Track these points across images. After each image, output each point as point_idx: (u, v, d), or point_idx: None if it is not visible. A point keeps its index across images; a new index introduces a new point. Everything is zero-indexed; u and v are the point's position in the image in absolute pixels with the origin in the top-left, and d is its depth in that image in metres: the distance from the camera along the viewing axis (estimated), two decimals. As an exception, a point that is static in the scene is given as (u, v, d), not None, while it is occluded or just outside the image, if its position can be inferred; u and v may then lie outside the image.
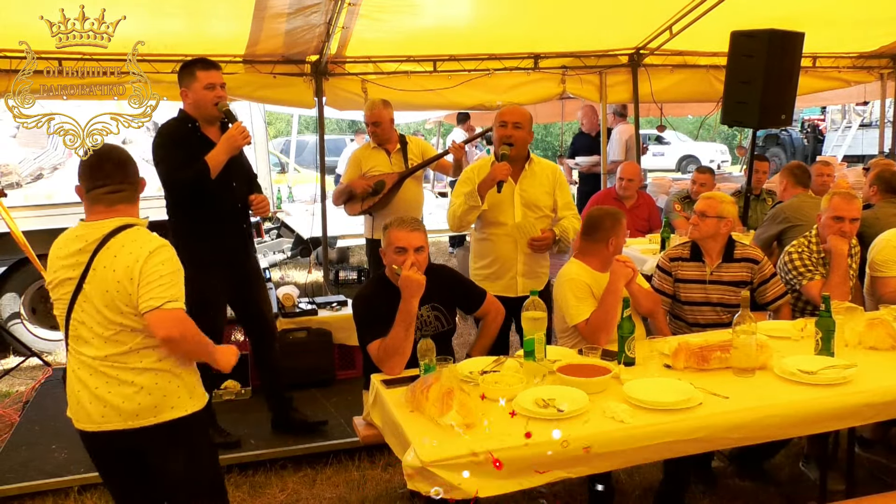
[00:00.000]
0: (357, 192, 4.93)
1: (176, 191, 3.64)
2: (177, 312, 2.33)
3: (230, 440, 3.93)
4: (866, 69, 8.36)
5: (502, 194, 3.77)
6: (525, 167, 3.88)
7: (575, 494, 3.45)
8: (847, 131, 16.91)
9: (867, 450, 3.78)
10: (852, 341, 3.08)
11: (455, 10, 6.10)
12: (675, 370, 2.85)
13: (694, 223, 3.71)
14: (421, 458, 2.24)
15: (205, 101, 3.61)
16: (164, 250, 2.37)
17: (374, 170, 4.97)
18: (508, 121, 3.77)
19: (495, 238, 3.89)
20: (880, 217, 4.48)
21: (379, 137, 5.03)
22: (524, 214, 3.84)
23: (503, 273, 3.89)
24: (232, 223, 3.82)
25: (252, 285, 3.99)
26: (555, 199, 3.92)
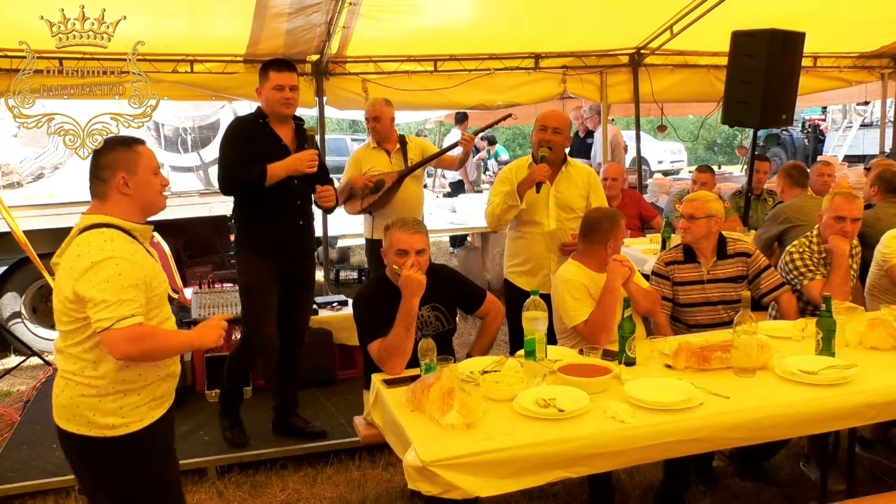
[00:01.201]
0: (357, 190, 4.93)
1: (227, 186, 3.73)
2: (128, 331, 2.20)
3: (237, 440, 3.94)
4: (867, 69, 8.37)
5: (539, 195, 3.88)
6: (561, 170, 3.97)
7: (575, 494, 3.45)
8: (848, 131, 16.90)
9: (868, 450, 3.78)
10: (853, 341, 3.08)
11: (456, 9, 6.10)
12: (675, 370, 2.85)
13: (685, 227, 3.70)
14: (422, 458, 2.24)
15: (273, 99, 3.72)
16: (108, 265, 2.22)
17: (374, 169, 4.98)
18: (549, 125, 3.88)
19: (530, 237, 4.01)
20: (881, 217, 4.48)
21: (379, 134, 5.03)
22: (558, 216, 3.94)
23: (537, 271, 4.00)
24: (286, 220, 3.85)
25: (301, 287, 4.00)
26: (589, 202, 4.01)
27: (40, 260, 5.39)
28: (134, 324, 2.21)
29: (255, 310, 3.85)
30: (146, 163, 2.40)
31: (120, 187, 2.36)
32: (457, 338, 4.71)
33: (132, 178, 2.37)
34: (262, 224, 3.79)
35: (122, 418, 2.34)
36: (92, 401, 2.31)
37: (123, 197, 2.37)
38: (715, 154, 25.72)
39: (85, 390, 2.31)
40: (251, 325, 3.87)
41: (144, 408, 2.38)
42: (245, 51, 5.86)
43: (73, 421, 2.33)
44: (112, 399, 2.32)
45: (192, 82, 5.88)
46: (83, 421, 2.32)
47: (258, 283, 3.82)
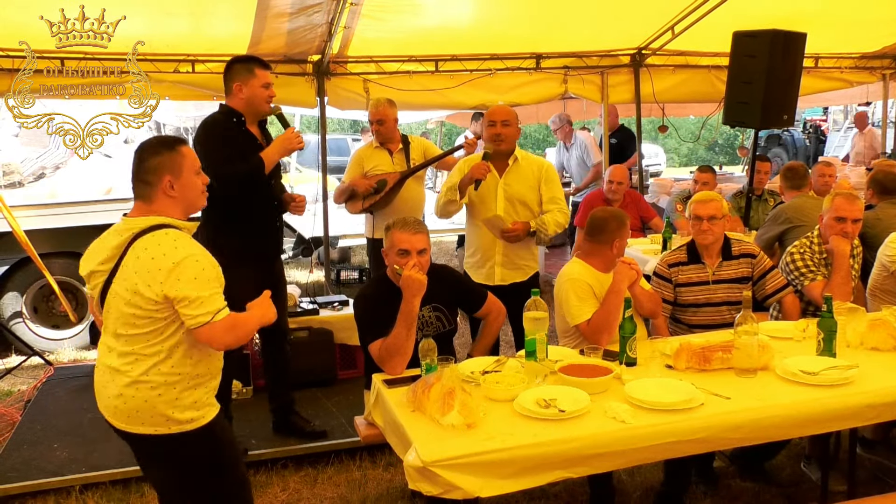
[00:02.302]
0: (359, 190, 4.94)
1: (228, 184, 3.52)
2: (226, 321, 2.34)
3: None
4: (868, 69, 8.37)
5: (488, 189, 3.96)
6: (510, 163, 4.02)
7: (576, 495, 3.45)
8: (849, 132, 16.87)
9: (869, 450, 3.77)
10: (854, 342, 3.08)
11: (457, 9, 6.10)
12: (676, 370, 2.85)
13: (705, 228, 3.65)
14: (422, 458, 2.24)
15: (260, 98, 3.63)
16: (191, 263, 2.29)
17: (376, 169, 4.98)
18: (497, 119, 3.98)
19: (479, 229, 4.07)
20: (882, 218, 4.48)
21: (382, 136, 5.03)
22: (506, 209, 3.98)
23: (484, 262, 4.08)
24: (267, 220, 3.83)
25: (278, 287, 3.97)
26: (540, 193, 4.03)
27: (41, 260, 5.40)
28: (227, 314, 2.34)
29: None
30: (190, 164, 2.42)
31: (166, 190, 2.37)
32: (458, 338, 4.71)
33: (177, 181, 2.39)
34: (242, 229, 3.68)
35: (198, 411, 2.42)
36: (169, 398, 2.36)
37: (169, 199, 2.39)
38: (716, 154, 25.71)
39: (162, 390, 2.35)
40: None
41: (211, 398, 2.48)
42: (246, 51, 5.85)
43: (151, 422, 2.36)
44: (188, 393, 2.39)
45: (194, 82, 5.88)
46: (161, 420, 2.37)
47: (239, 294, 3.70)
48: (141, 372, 2.34)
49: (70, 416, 4.40)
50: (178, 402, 2.37)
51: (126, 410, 2.36)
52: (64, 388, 4.96)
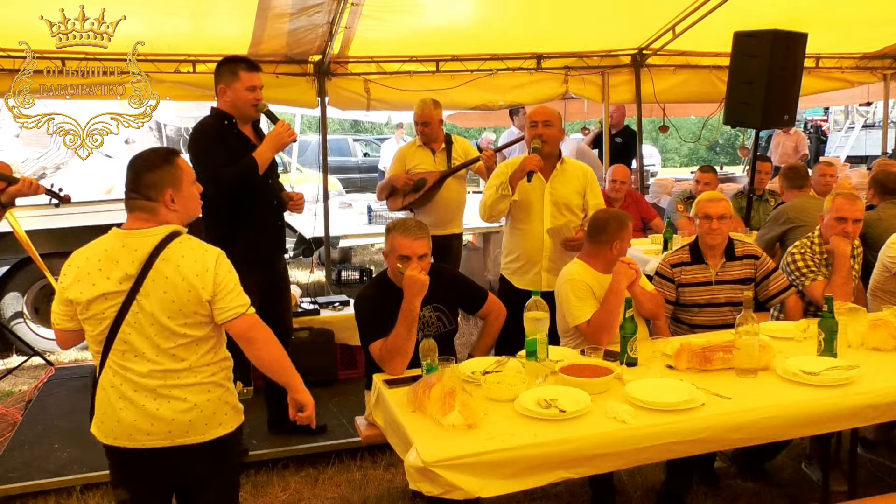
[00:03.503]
0: (399, 187, 4.97)
1: (221, 188, 3.48)
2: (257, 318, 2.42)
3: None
4: (869, 70, 8.35)
5: (534, 192, 3.93)
6: (557, 166, 4.00)
7: (577, 495, 3.45)
8: (850, 132, 16.87)
9: (870, 451, 3.77)
10: (855, 342, 3.08)
11: (457, 9, 6.10)
12: (677, 371, 2.85)
13: (715, 228, 3.64)
14: (423, 459, 2.25)
15: (245, 101, 3.60)
16: (223, 258, 2.38)
17: (418, 167, 5.00)
18: (538, 120, 3.95)
19: (523, 234, 4.04)
20: (883, 218, 4.47)
21: (427, 137, 5.03)
22: (552, 213, 3.97)
23: (529, 268, 4.03)
24: (268, 220, 3.82)
25: (279, 285, 3.99)
26: (585, 199, 4.03)
27: (42, 260, 5.40)
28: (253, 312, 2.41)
29: None
30: (187, 176, 2.42)
31: (168, 204, 2.36)
32: (458, 338, 4.71)
33: (178, 194, 2.38)
34: (243, 232, 3.64)
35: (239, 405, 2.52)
36: (232, 389, 2.47)
37: (172, 212, 2.38)
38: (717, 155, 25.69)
39: (228, 383, 2.46)
40: None
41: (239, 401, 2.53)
42: (247, 51, 5.86)
43: (228, 419, 2.44)
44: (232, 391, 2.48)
45: (195, 82, 5.88)
46: (234, 413, 2.47)
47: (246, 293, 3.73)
48: (208, 375, 2.38)
49: (71, 416, 4.39)
50: (229, 399, 2.47)
51: (204, 418, 2.37)
52: (65, 388, 4.96)
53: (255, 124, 3.78)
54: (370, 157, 16.69)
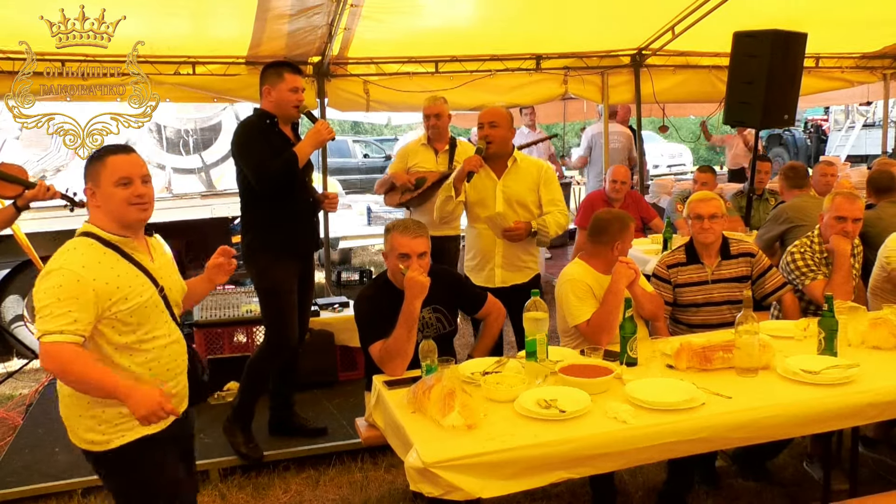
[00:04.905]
0: (398, 184, 4.97)
1: (265, 181, 3.65)
2: (49, 347, 2.15)
3: (254, 455, 3.86)
4: (869, 69, 8.36)
5: (486, 191, 3.98)
6: (508, 165, 4.02)
7: (578, 495, 3.45)
8: (850, 131, 16.88)
9: (871, 449, 3.77)
10: (855, 341, 3.07)
11: (457, 10, 6.10)
12: (677, 370, 2.84)
13: (707, 227, 3.66)
14: (423, 460, 2.24)
15: (288, 101, 3.71)
16: (54, 276, 2.19)
17: (419, 166, 5.02)
18: (485, 121, 4.02)
19: (478, 232, 4.08)
20: (883, 217, 4.48)
21: (437, 130, 5.04)
22: (505, 211, 3.97)
23: (484, 265, 4.07)
24: (305, 217, 3.91)
25: (308, 284, 4.10)
26: (539, 194, 4.03)
27: (43, 262, 5.40)
28: (56, 341, 2.15)
29: (284, 313, 3.81)
30: (109, 174, 2.30)
31: (90, 198, 2.34)
32: (458, 338, 4.71)
33: (98, 190, 2.32)
34: (284, 224, 3.77)
35: (102, 435, 2.33)
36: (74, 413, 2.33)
37: (96, 208, 2.34)
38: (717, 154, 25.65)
39: (69, 401, 2.33)
40: (280, 329, 3.82)
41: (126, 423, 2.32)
42: (247, 52, 5.87)
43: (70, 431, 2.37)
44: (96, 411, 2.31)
45: (194, 84, 5.88)
46: (72, 433, 2.37)
47: (284, 285, 3.81)
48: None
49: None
50: (81, 419, 2.32)
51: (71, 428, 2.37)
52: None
53: (294, 126, 3.91)
54: (370, 159, 16.70)
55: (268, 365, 3.90)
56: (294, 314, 3.86)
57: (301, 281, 3.96)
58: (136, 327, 2.31)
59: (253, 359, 3.93)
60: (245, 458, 3.83)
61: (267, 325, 3.92)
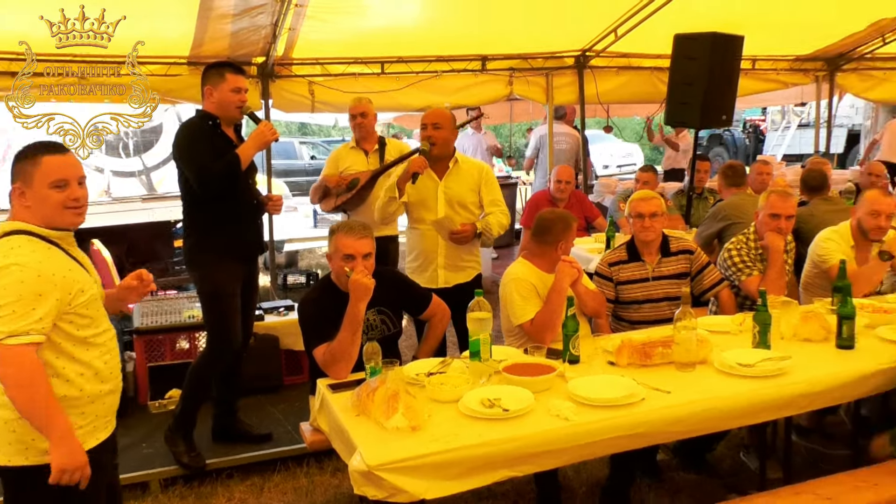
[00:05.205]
0: (331, 188, 4.94)
1: (207, 184, 3.61)
2: (13, 350, 2.05)
3: (196, 463, 3.78)
4: (802, 71, 8.63)
5: (428, 191, 3.99)
6: (450, 166, 4.05)
7: (523, 493, 3.48)
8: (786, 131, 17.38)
9: (804, 438, 3.89)
10: (788, 334, 3.17)
11: (403, 11, 6.09)
12: (618, 367, 2.89)
13: (647, 226, 3.73)
14: (367, 462, 2.24)
15: (230, 102, 3.67)
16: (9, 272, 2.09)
17: (351, 169, 5.00)
18: (428, 122, 4.02)
19: (419, 233, 4.08)
20: (815, 214, 4.64)
21: (364, 130, 5.03)
22: (447, 212, 4.00)
23: (427, 265, 4.07)
24: (248, 219, 3.88)
25: (252, 287, 4.05)
26: (480, 195, 4.07)
27: None
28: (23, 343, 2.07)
29: (226, 317, 3.76)
30: (43, 175, 2.20)
31: (18, 198, 2.22)
32: (405, 340, 4.71)
33: (29, 190, 2.22)
34: (226, 226, 3.72)
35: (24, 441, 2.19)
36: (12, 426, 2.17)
37: (24, 208, 2.23)
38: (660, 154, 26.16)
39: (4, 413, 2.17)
40: (223, 334, 3.77)
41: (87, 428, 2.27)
42: (189, 53, 5.76)
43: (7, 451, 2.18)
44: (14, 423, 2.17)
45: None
46: (21, 448, 2.18)
47: (227, 288, 3.76)
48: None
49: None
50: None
51: None
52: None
53: (238, 128, 3.86)
54: (317, 160, 16.53)
55: (210, 371, 3.84)
56: (237, 318, 3.81)
57: (245, 284, 3.92)
58: (90, 321, 2.28)
59: (195, 365, 3.87)
60: (187, 467, 3.75)
61: (209, 329, 3.86)
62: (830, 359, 2.96)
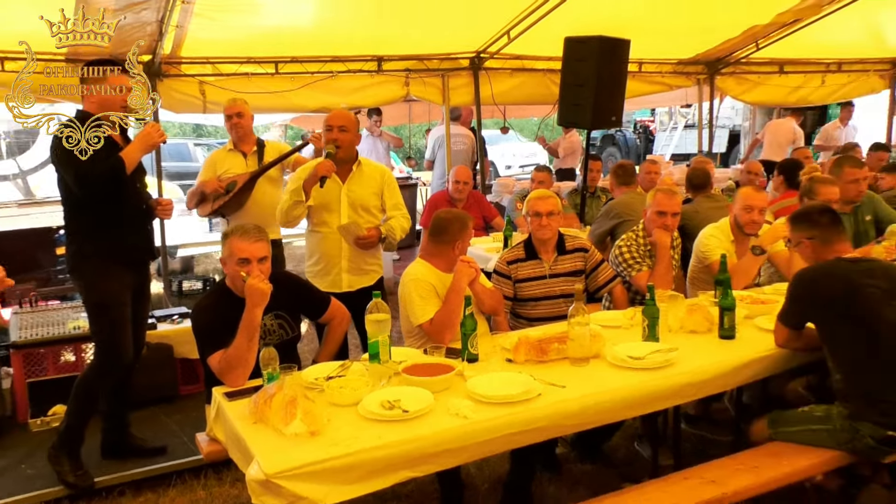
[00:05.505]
0: (207, 191, 4.77)
1: (88, 188, 3.43)
2: None
3: (83, 483, 3.57)
4: (685, 74, 9.08)
5: (330, 194, 3.94)
6: (353, 169, 4.02)
7: (427, 493, 3.49)
8: (674, 132, 18.22)
9: (692, 425, 4.08)
10: (675, 326, 3.32)
11: (297, 10, 6.00)
12: (516, 364, 2.94)
13: (545, 224, 3.81)
14: (265, 471, 2.19)
15: (113, 102, 3.49)
16: None
17: (229, 172, 4.84)
18: (334, 125, 3.98)
19: (322, 236, 4.04)
20: (699, 210, 4.88)
21: (242, 130, 4.87)
22: (350, 215, 3.98)
23: (329, 269, 4.04)
24: (137, 224, 3.72)
25: (144, 296, 3.87)
26: (383, 199, 4.08)
27: None
28: None
29: (116, 327, 3.58)
30: None
31: None
32: (307, 344, 4.63)
33: None
34: (112, 230, 3.56)
35: None
36: None
37: None
38: (557, 154, 26.88)
39: None
40: (113, 345, 3.59)
41: None
42: (66, 50, 5.45)
43: None
44: None
45: (6, 82, 5.39)
46: None
47: (115, 297, 3.58)
48: None
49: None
50: None
51: None
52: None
53: (123, 129, 3.68)
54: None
55: (99, 384, 3.65)
56: (127, 329, 3.65)
57: (135, 293, 3.75)
58: None
59: (81, 378, 3.66)
60: (73, 486, 3.55)
61: (97, 341, 3.67)
62: (714, 349, 3.11)
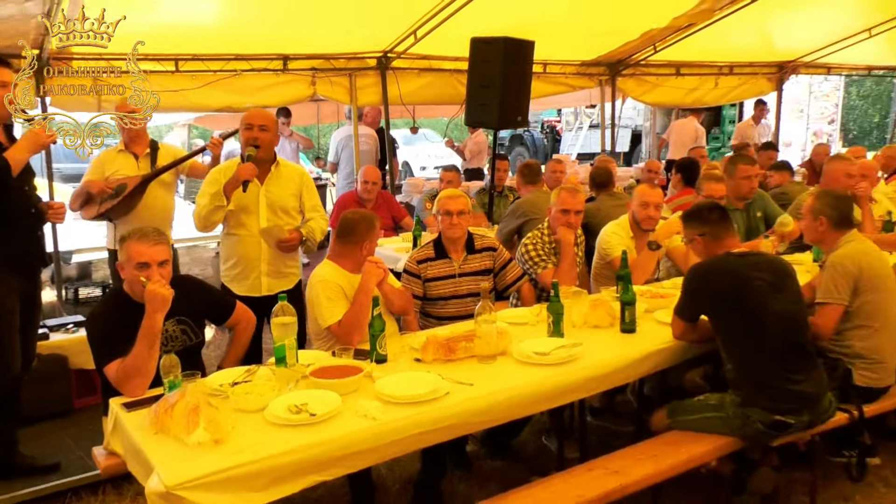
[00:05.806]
0: (93, 192, 4.54)
1: None
2: None
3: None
4: (588, 76, 9.34)
5: (248, 196, 3.86)
6: (271, 170, 3.95)
7: (337, 496, 3.46)
8: (580, 132, 18.70)
9: (597, 418, 4.21)
10: (579, 322, 3.41)
11: (198, 7, 5.83)
12: (424, 363, 2.96)
13: (455, 223, 3.84)
14: (165, 483, 2.12)
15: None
16: None
17: (118, 174, 4.63)
18: (254, 123, 3.87)
19: (240, 239, 3.96)
20: (602, 208, 5.04)
21: (134, 131, 4.63)
22: (269, 217, 3.91)
23: (248, 273, 3.96)
24: (25, 228, 3.53)
25: (34, 304, 3.70)
26: (302, 201, 4.03)
27: None
28: None
29: (2, 337, 3.40)
30: None
31: None
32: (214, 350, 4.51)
33: None
34: (4, 233, 3.39)
35: None
36: None
37: None
38: (467, 154, 27.13)
39: None
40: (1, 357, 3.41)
41: None
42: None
43: None
44: None
45: None
46: None
47: (3, 305, 3.40)
48: None
49: None
50: None
51: None
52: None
53: (8, 128, 3.51)
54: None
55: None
56: (15, 338, 3.47)
57: (24, 300, 3.56)
58: None
59: None
60: None
61: None
62: (616, 343, 3.22)
